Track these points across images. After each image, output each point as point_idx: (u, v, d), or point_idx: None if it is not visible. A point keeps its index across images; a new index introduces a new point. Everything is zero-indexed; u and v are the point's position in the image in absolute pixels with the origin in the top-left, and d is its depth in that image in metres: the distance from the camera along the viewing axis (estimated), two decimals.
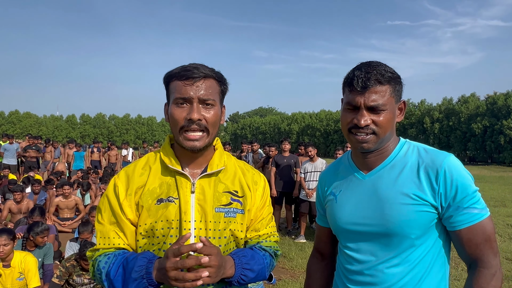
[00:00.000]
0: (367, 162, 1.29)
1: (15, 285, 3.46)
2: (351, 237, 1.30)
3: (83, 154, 13.04)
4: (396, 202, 1.20)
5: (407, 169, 1.23)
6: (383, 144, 1.26)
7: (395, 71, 1.23)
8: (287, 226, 7.43)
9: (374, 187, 1.26)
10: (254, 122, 58.16)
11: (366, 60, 1.25)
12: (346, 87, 1.24)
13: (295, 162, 7.17)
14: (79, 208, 7.06)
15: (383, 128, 1.21)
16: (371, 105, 1.18)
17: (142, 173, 1.29)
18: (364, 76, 1.18)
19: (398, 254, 1.21)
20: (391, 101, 1.20)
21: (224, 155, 1.36)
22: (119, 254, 1.21)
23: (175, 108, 1.22)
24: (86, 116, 59.07)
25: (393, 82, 1.21)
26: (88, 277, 3.72)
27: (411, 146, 1.29)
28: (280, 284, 4.63)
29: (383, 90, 1.19)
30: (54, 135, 51.81)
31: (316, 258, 1.54)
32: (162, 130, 60.75)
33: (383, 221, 1.21)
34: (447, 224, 1.20)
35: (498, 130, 28.21)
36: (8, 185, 8.06)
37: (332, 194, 1.38)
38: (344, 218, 1.30)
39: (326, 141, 43.69)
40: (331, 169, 1.47)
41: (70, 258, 3.76)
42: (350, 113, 1.23)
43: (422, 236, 1.20)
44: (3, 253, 3.35)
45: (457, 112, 31.62)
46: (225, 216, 1.26)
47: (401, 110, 1.29)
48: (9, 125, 53.15)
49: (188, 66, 1.23)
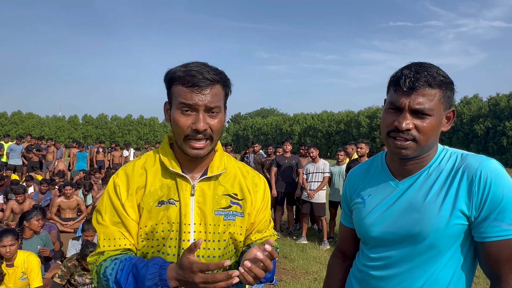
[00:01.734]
0: (403, 168, 1.22)
1: (18, 285, 3.47)
2: (377, 243, 1.25)
3: (86, 155, 13.08)
4: (428, 212, 1.13)
5: (441, 177, 1.16)
6: (424, 152, 1.17)
7: (448, 76, 1.13)
8: (289, 227, 7.42)
9: (407, 196, 1.19)
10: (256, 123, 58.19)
11: (416, 61, 1.15)
12: (392, 86, 1.15)
13: (296, 163, 7.17)
14: (81, 208, 7.07)
15: (425, 135, 1.11)
16: (416, 108, 1.09)
17: (141, 173, 1.26)
18: (413, 76, 1.09)
19: (424, 265, 1.16)
20: (439, 107, 1.11)
21: (224, 157, 1.34)
22: (125, 260, 1.16)
23: (179, 115, 1.18)
24: (88, 116, 59.22)
25: (444, 87, 1.11)
26: (89, 277, 3.73)
27: (447, 152, 1.22)
28: (281, 285, 4.63)
29: (431, 94, 1.09)
30: (57, 136, 51.98)
31: (338, 259, 1.49)
32: (164, 130, 60.76)
33: (413, 230, 1.15)
34: (475, 233, 1.12)
35: (500, 131, 28.13)
36: (11, 185, 8.09)
37: (361, 197, 1.32)
38: (371, 224, 1.25)
39: (328, 142, 43.66)
40: (362, 169, 1.40)
41: (72, 258, 3.77)
42: (392, 115, 1.14)
43: (450, 247, 1.14)
44: (9, 253, 3.37)
45: (460, 113, 31.55)
46: (225, 219, 1.25)
47: (449, 119, 1.19)
48: (11, 125, 53.32)
49: (193, 70, 1.16)
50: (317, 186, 6.53)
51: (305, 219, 6.84)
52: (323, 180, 6.56)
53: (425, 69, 1.10)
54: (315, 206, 6.57)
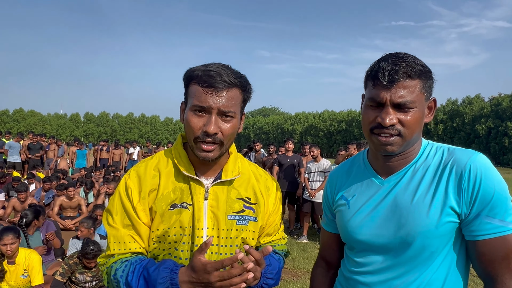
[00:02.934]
0: (388, 166, 1.16)
1: (19, 282, 3.48)
2: (364, 247, 1.18)
3: (86, 152, 13.10)
4: (416, 212, 1.07)
5: (429, 173, 1.11)
6: (409, 147, 1.12)
7: (426, 64, 1.08)
8: (290, 226, 7.42)
9: (393, 194, 1.13)
10: (257, 122, 58.19)
11: (392, 52, 1.10)
12: (370, 80, 1.09)
13: (298, 162, 7.17)
14: (81, 208, 7.08)
15: (410, 129, 1.06)
16: (398, 102, 1.04)
17: (154, 175, 1.23)
18: (391, 69, 1.03)
19: (415, 267, 1.10)
20: (420, 98, 1.06)
21: (238, 160, 1.31)
22: (136, 262, 1.15)
23: (192, 116, 1.15)
24: (90, 114, 59.35)
25: (423, 76, 1.06)
26: (90, 275, 3.73)
27: (433, 147, 1.16)
28: (282, 284, 4.63)
29: (412, 85, 1.04)
30: (58, 133, 52.09)
31: (322, 268, 1.39)
32: (165, 129, 60.91)
33: (402, 232, 1.09)
34: (466, 231, 1.07)
35: (502, 131, 28.07)
36: (12, 182, 8.10)
37: (344, 198, 1.25)
38: (357, 227, 1.18)
39: (329, 141, 43.66)
40: (343, 169, 1.33)
41: (73, 255, 3.77)
42: (373, 111, 1.09)
43: (443, 247, 1.08)
44: (10, 251, 3.38)
45: (461, 114, 31.50)
46: (237, 224, 1.23)
47: (431, 109, 1.14)
48: (13, 123, 53.45)
49: (211, 71, 1.12)
50: (319, 185, 6.54)
51: (306, 218, 6.84)
52: (325, 179, 6.55)
53: (402, 59, 1.05)
54: (316, 205, 6.57)
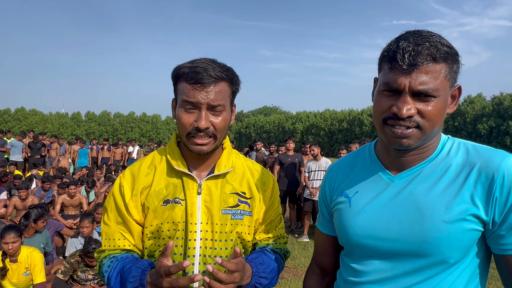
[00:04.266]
0: (400, 160, 1.01)
1: (21, 280, 3.49)
2: (367, 253, 1.02)
3: (87, 151, 13.13)
4: (436, 216, 0.92)
5: (451, 172, 0.96)
6: (427, 141, 0.97)
7: (452, 45, 0.92)
8: (291, 225, 7.43)
9: (406, 193, 0.98)
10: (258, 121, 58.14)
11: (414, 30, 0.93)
12: (386, 62, 0.93)
13: (299, 161, 7.18)
14: (83, 207, 7.09)
15: (431, 121, 0.91)
16: (419, 90, 0.88)
17: (147, 172, 1.25)
18: (412, 49, 0.88)
19: (426, 280, 0.95)
20: (445, 85, 0.91)
21: (232, 155, 1.31)
22: (121, 259, 1.19)
23: (182, 112, 1.17)
24: (91, 113, 59.39)
25: (450, 60, 0.90)
26: (92, 273, 3.75)
27: (455, 142, 1.02)
28: (283, 283, 4.64)
29: (436, 70, 0.89)
30: (60, 132, 52.12)
31: (316, 275, 1.24)
32: (167, 128, 60.92)
33: (416, 238, 0.94)
34: (495, 244, 0.94)
35: (504, 131, 28.01)
36: (14, 180, 8.11)
37: (345, 195, 1.09)
38: (359, 228, 1.02)
39: (331, 140, 43.62)
40: (345, 163, 1.18)
41: (75, 254, 3.79)
42: (388, 98, 0.93)
43: (462, 258, 0.95)
44: (12, 250, 3.40)
45: (463, 113, 31.43)
46: (232, 218, 1.22)
47: (454, 98, 0.98)
48: (15, 122, 53.54)
49: (198, 67, 1.14)
50: (319, 184, 6.53)
51: (307, 217, 6.85)
52: None
53: (426, 39, 0.89)
54: (317, 203, 6.55)
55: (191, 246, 1.18)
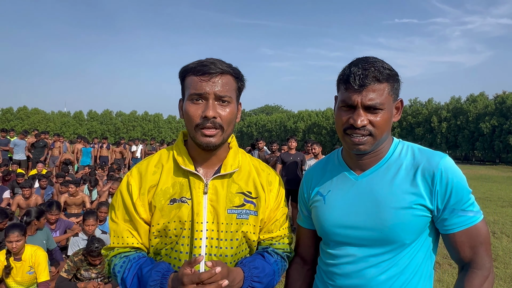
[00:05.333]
0: (361, 163, 1.24)
1: (25, 278, 3.51)
2: (340, 240, 1.24)
3: (90, 150, 13.16)
4: (392, 206, 1.16)
5: (402, 170, 1.19)
6: (379, 145, 1.21)
7: (392, 68, 1.18)
8: (292, 224, 7.42)
9: (368, 189, 1.21)
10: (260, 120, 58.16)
11: (363, 56, 1.20)
12: (342, 84, 1.17)
13: (301, 160, 7.18)
14: (86, 206, 7.12)
15: (380, 129, 1.15)
16: (368, 104, 1.12)
17: (155, 171, 1.26)
18: (361, 73, 1.12)
19: (389, 259, 1.18)
20: (389, 100, 1.15)
21: (238, 154, 1.32)
22: (134, 259, 1.20)
23: (190, 105, 1.19)
24: (93, 112, 59.56)
25: (391, 79, 1.15)
26: (95, 272, 3.76)
27: (404, 146, 1.26)
28: (283, 282, 4.64)
29: (381, 89, 1.13)
30: (62, 131, 52.30)
31: (297, 264, 1.43)
32: (168, 127, 61.05)
33: (378, 225, 1.17)
34: (441, 226, 1.18)
35: (506, 129, 27.92)
36: (17, 178, 8.13)
37: (320, 194, 1.31)
38: (333, 220, 1.24)
39: (333, 139, 43.60)
40: (318, 168, 1.39)
41: (78, 252, 3.80)
42: (346, 113, 1.17)
43: (415, 239, 1.18)
44: (15, 249, 3.41)
45: (465, 111, 31.35)
46: (238, 218, 1.24)
47: (398, 110, 1.24)
48: (17, 121, 53.75)
49: (205, 61, 1.19)
50: None
51: None
52: None
53: (372, 64, 1.13)
54: None
55: (197, 245, 1.19)
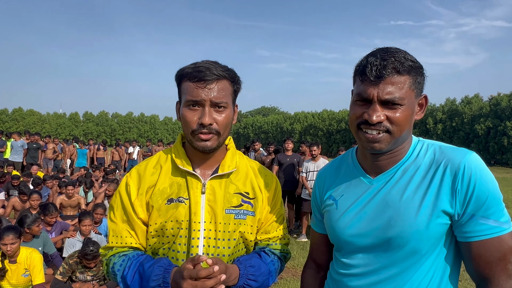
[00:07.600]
0: (376, 164, 1.13)
1: (20, 281, 3.49)
2: (352, 248, 1.15)
3: (86, 152, 13.11)
4: (406, 212, 1.04)
5: (420, 172, 1.07)
6: (397, 145, 1.08)
7: (417, 60, 1.05)
8: (289, 225, 7.43)
9: (382, 194, 1.10)
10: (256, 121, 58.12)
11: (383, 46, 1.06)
12: (358, 76, 1.07)
13: (298, 161, 7.20)
14: (81, 207, 7.08)
15: (399, 127, 1.03)
16: (385, 99, 1.00)
17: (153, 172, 1.28)
18: (379, 64, 1.00)
19: (404, 271, 1.06)
20: (410, 94, 1.02)
21: (236, 155, 1.34)
22: (133, 257, 1.21)
23: (186, 111, 1.20)
24: (89, 114, 59.20)
25: (413, 72, 1.02)
26: (91, 274, 3.75)
27: (424, 145, 1.13)
28: (282, 283, 4.65)
29: (401, 81, 1.01)
30: (57, 133, 51.99)
31: (312, 270, 1.36)
32: (165, 128, 60.86)
33: (390, 233, 1.06)
34: (458, 233, 1.04)
35: (501, 131, 28.08)
36: (12, 180, 8.08)
37: (332, 198, 1.22)
38: (345, 228, 1.15)
39: (329, 141, 43.64)
40: (331, 168, 1.30)
41: (73, 255, 3.78)
42: (361, 107, 1.06)
43: (433, 250, 1.05)
44: (10, 251, 3.39)
45: (460, 113, 31.49)
46: (235, 218, 1.24)
47: (422, 106, 1.10)
48: (12, 122, 53.36)
49: (201, 66, 1.19)
50: None
51: (305, 217, 6.87)
52: None
53: (392, 54, 1.01)
54: None
55: (194, 245, 1.20)
